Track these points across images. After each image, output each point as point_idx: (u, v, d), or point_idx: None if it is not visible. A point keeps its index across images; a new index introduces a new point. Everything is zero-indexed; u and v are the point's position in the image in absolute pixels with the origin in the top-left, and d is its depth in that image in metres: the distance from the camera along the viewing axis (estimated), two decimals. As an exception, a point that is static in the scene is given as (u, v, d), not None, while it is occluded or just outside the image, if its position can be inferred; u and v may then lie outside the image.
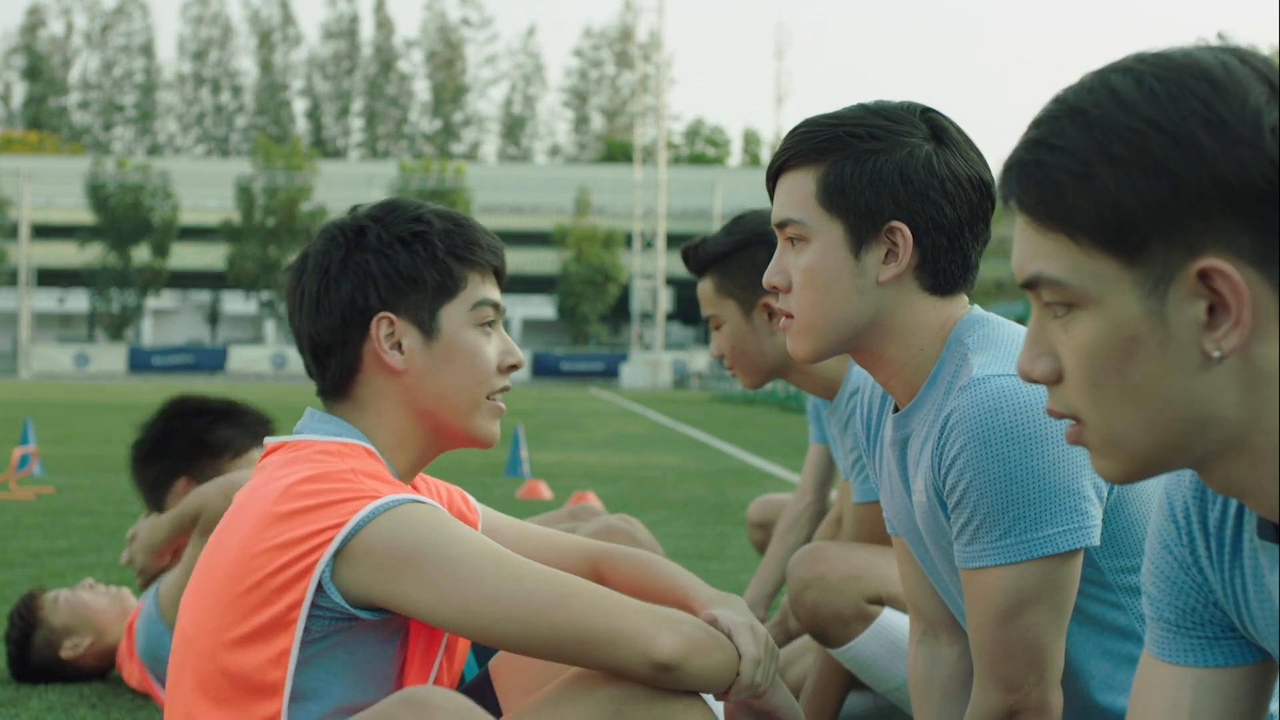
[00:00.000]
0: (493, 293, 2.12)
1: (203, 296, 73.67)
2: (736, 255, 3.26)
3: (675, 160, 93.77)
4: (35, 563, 6.33)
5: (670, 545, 7.16)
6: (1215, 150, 1.15)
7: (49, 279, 65.69)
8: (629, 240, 63.63)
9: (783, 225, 2.06)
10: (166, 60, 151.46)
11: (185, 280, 68.38)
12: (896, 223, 2.00)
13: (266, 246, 61.77)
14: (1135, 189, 1.17)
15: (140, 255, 62.17)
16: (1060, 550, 1.92)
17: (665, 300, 57.78)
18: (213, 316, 71.01)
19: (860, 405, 2.31)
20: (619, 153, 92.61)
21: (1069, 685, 2.05)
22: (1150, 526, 1.48)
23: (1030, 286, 1.25)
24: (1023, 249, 1.26)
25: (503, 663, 2.20)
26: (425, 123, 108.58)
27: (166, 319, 76.33)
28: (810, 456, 4.04)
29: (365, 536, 1.86)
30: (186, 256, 65.05)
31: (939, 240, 2.02)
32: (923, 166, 2.00)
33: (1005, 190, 1.26)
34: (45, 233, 64.03)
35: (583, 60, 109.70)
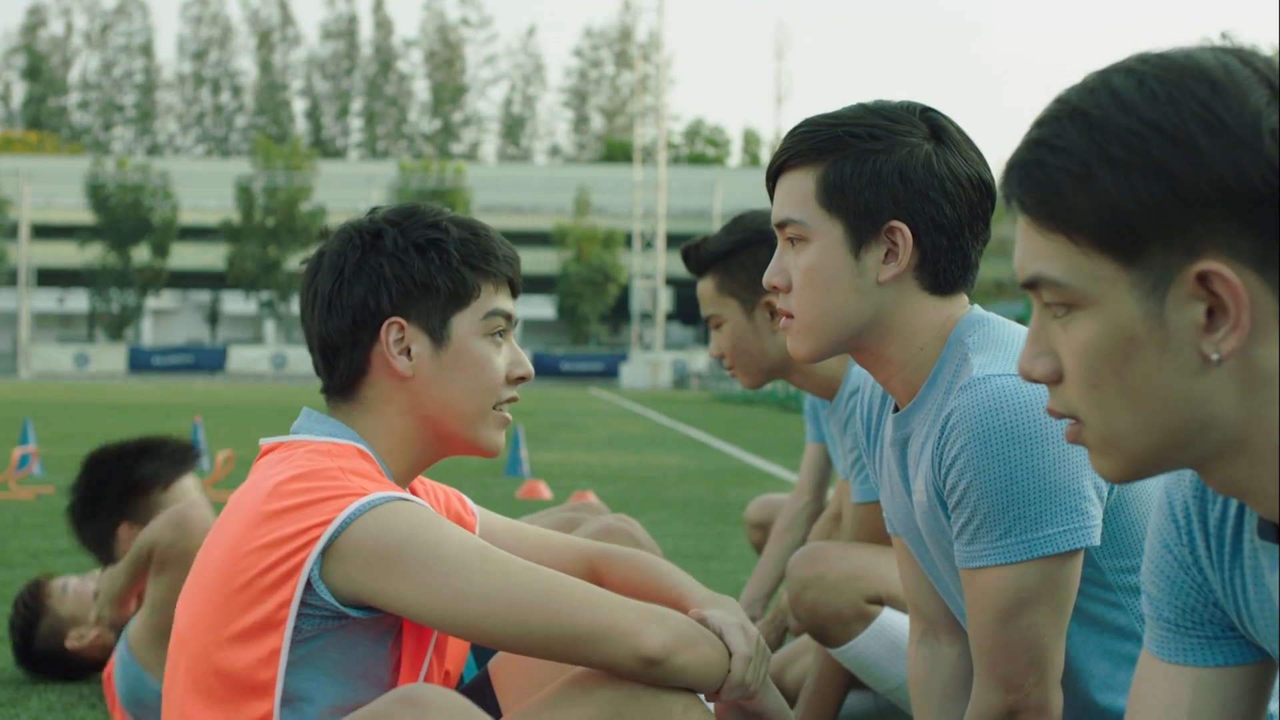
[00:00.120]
0: (505, 303, 2.11)
1: (202, 296, 73.72)
2: (738, 254, 3.26)
3: (675, 160, 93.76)
4: (35, 563, 6.34)
5: (670, 545, 7.16)
6: (1214, 153, 1.15)
7: (49, 279, 65.73)
8: (629, 240, 63.64)
9: (782, 225, 2.06)
10: (166, 60, 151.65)
11: (185, 280, 68.41)
12: (896, 222, 2.00)
13: (266, 246, 61.78)
14: (1134, 191, 1.17)
15: (140, 255, 62.19)
16: (1060, 550, 1.92)
17: (665, 300, 57.79)
18: (212, 316, 71.04)
19: (860, 405, 2.31)
20: (619, 153, 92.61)
21: (1069, 685, 2.05)
22: (1150, 526, 1.48)
23: (1031, 286, 1.26)
24: (1023, 249, 1.26)
25: (502, 663, 2.20)
26: (425, 123, 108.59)
27: (166, 319, 76.36)
28: (807, 456, 4.04)
29: (352, 534, 1.86)
30: (186, 256, 65.06)
31: (939, 240, 2.02)
32: (922, 166, 2.00)
33: (1007, 190, 1.26)
34: (45, 233, 64.03)
35: (582, 60, 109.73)
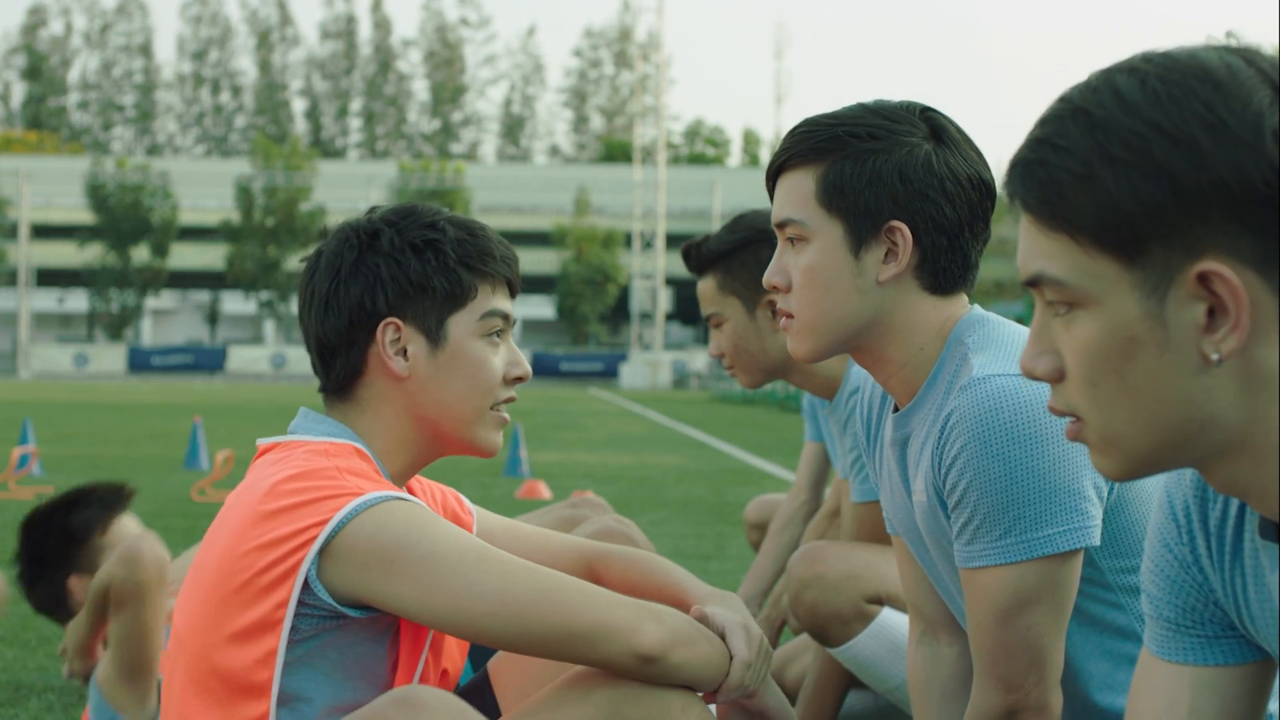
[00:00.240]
0: (503, 303, 2.10)
1: (202, 296, 73.73)
2: (740, 253, 3.26)
3: (675, 160, 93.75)
4: (35, 563, 6.32)
5: (670, 545, 7.16)
6: (1215, 153, 1.15)
7: (48, 279, 65.74)
8: (628, 240, 63.65)
9: (782, 225, 2.06)
10: (166, 60, 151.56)
11: (185, 280, 68.42)
12: (896, 222, 2.00)
13: (266, 246, 61.80)
14: (1135, 191, 1.17)
15: (140, 255, 62.21)
16: (1060, 550, 1.92)
17: (665, 300, 57.80)
18: (212, 316, 71.05)
19: (860, 405, 2.30)
20: (618, 153, 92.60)
21: (1068, 685, 2.05)
22: (1150, 525, 1.48)
23: (1033, 284, 1.26)
24: (1026, 247, 1.26)
25: (501, 663, 2.20)
26: (424, 123, 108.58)
27: (166, 319, 76.36)
28: (805, 455, 4.04)
29: (349, 533, 1.86)
30: (186, 256, 65.07)
31: (939, 240, 2.02)
32: (922, 166, 2.00)
33: (1010, 188, 1.26)
34: (45, 233, 64.03)
35: (582, 60, 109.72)
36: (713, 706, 2.01)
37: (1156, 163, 1.16)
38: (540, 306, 69.86)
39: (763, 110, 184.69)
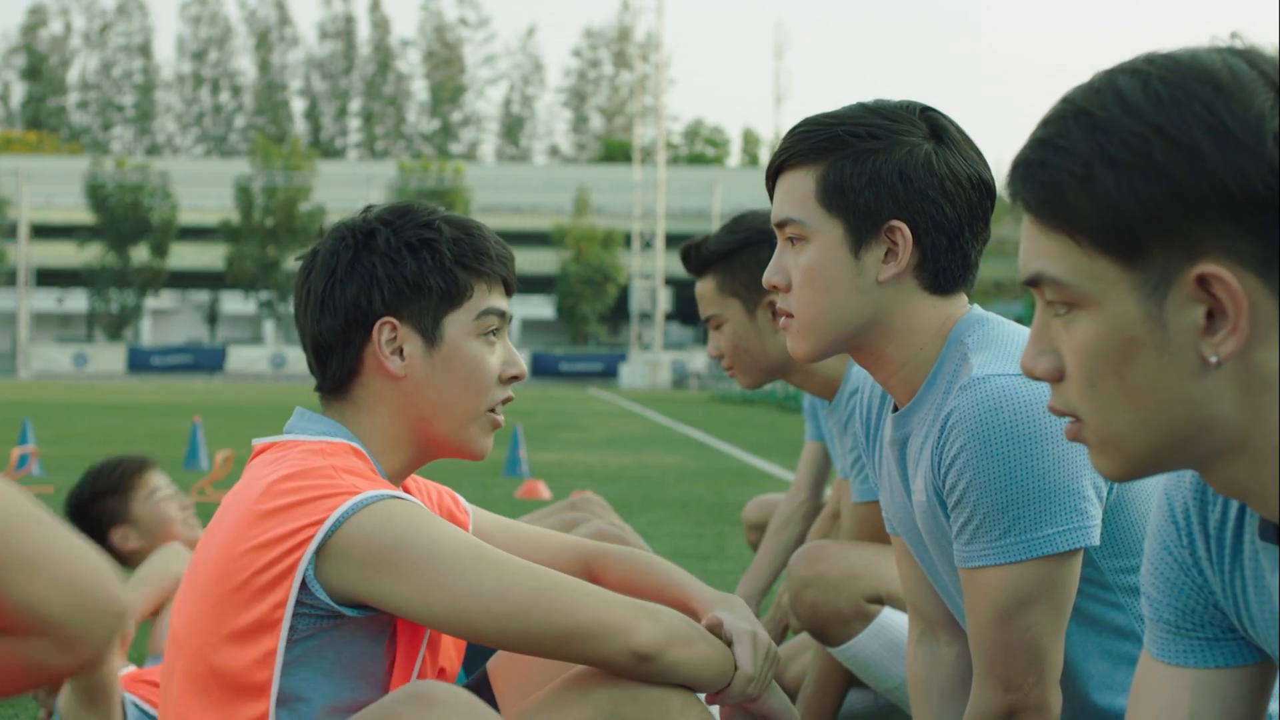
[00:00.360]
0: (499, 302, 2.10)
1: (202, 296, 73.72)
2: (740, 254, 3.25)
3: (674, 160, 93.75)
4: (34, 563, 6.33)
5: (669, 545, 7.16)
6: (1215, 156, 1.15)
7: (48, 279, 65.72)
8: (628, 240, 63.64)
9: (782, 225, 2.06)
10: (165, 60, 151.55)
11: (184, 280, 68.40)
12: (896, 222, 2.00)
13: (265, 246, 61.77)
14: (1135, 193, 1.17)
15: (139, 255, 62.18)
16: (1060, 550, 1.92)
17: (664, 300, 57.80)
18: (212, 316, 71.05)
19: (860, 405, 2.30)
20: (618, 153, 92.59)
21: (1067, 685, 2.04)
22: (1150, 528, 1.48)
23: (1033, 284, 1.26)
24: (1027, 247, 1.26)
25: (501, 664, 2.20)
26: (423, 123, 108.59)
27: (165, 319, 76.35)
28: (805, 454, 4.03)
29: (346, 532, 1.86)
30: (185, 256, 65.06)
31: (939, 239, 2.02)
32: (922, 166, 2.00)
33: (1011, 188, 1.26)
34: (44, 233, 64.01)
35: (581, 60, 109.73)
36: (715, 707, 2.01)
37: (1157, 164, 1.16)
38: (540, 306, 69.87)
39: (762, 110, 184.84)
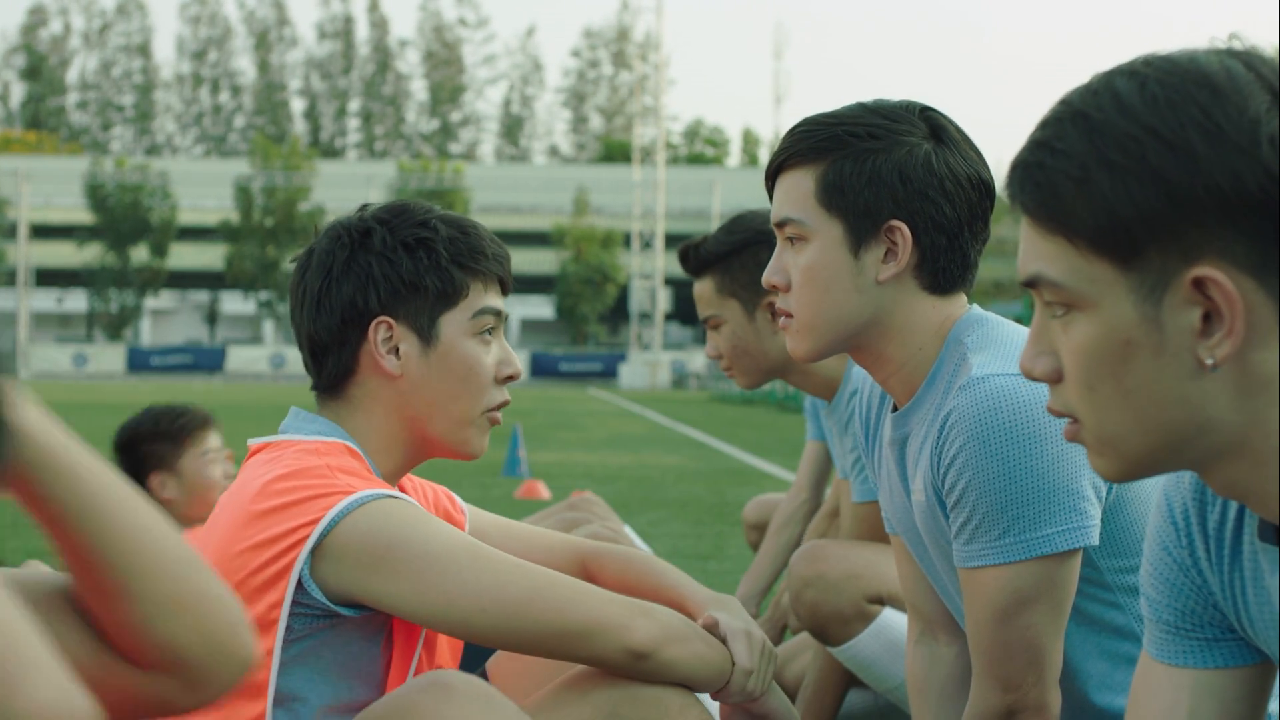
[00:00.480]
0: (495, 301, 2.10)
1: (201, 296, 73.71)
2: (739, 254, 3.25)
3: (674, 160, 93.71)
4: (33, 563, 6.34)
5: (668, 545, 7.16)
6: (1211, 159, 1.14)
7: (47, 279, 65.72)
8: (627, 240, 63.64)
9: (782, 224, 2.05)
10: (165, 60, 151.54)
11: (184, 280, 68.39)
12: (896, 222, 2.00)
13: (265, 246, 61.77)
14: (1131, 196, 1.17)
15: (139, 255, 62.18)
16: (1059, 550, 1.92)
17: (664, 300, 57.80)
18: (211, 316, 71.05)
19: (859, 404, 2.30)
20: (617, 153, 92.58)
21: (1066, 685, 2.04)
22: (1149, 528, 1.48)
23: (1031, 285, 1.26)
24: (1025, 248, 1.26)
25: (499, 664, 2.19)
26: (423, 123, 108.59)
27: (165, 319, 76.33)
28: (807, 454, 4.03)
29: (341, 532, 1.86)
30: (185, 256, 65.06)
31: (938, 239, 2.02)
32: (922, 165, 2.00)
33: (1009, 190, 1.26)
34: (44, 233, 64.00)
35: (580, 60, 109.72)
36: (715, 708, 2.01)
37: (1152, 167, 1.16)
38: (539, 306, 69.87)
39: (762, 110, 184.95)
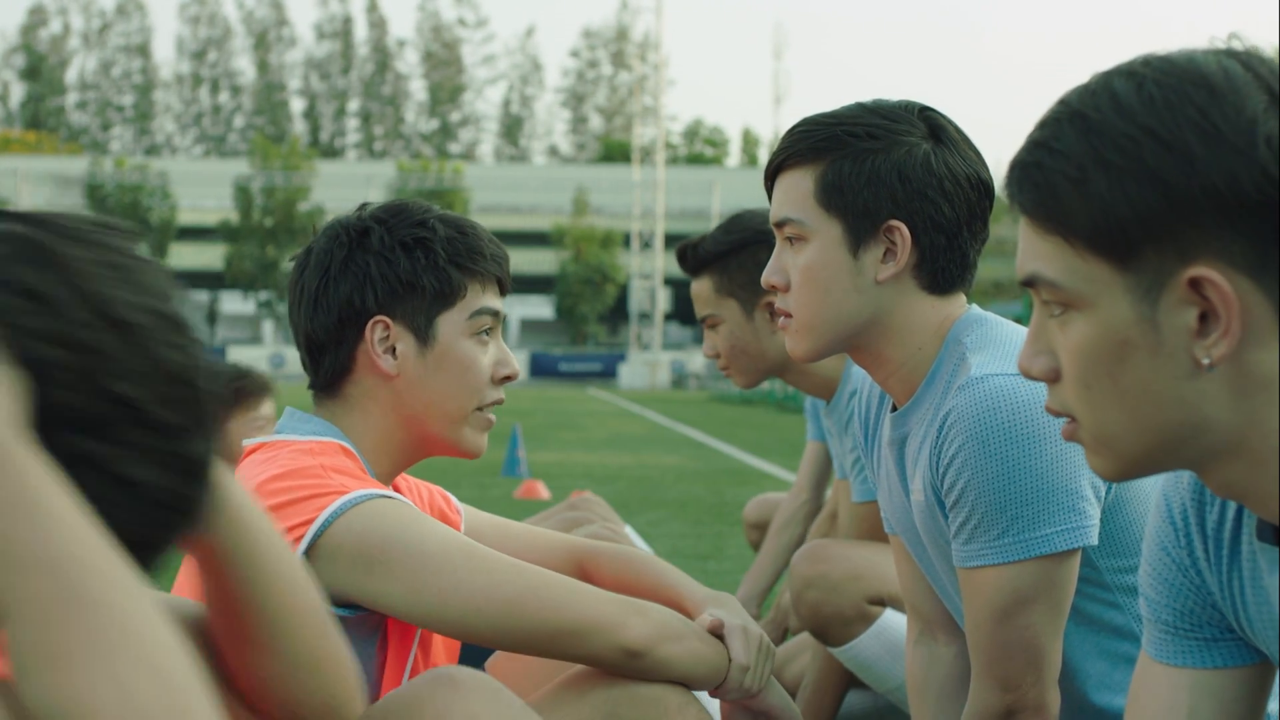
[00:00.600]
0: (493, 301, 2.10)
1: (200, 296, 73.70)
2: (738, 254, 3.24)
3: (673, 160, 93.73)
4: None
5: (668, 545, 7.16)
6: (1207, 159, 1.14)
7: (47, 279, 65.68)
8: (627, 240, 63.66)
9: (781, 224, 2.05)
10: (164, 60, 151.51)
11: (183, 280, 68.02)
12: (895, 222, 2.00)
13: (265, 246, 61.81)
14: (1128, 196, 1.17)
15: (138, 255, 62.22)
16: (1058, 550, 1.92)
17: (663, 300, 57.82)
18: (211, 316, 71.06)
19: (858, 404, 2.30)
20: (617, 153, 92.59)
21: (1066, 684, 2.04)
22: (1148, 529, 1.48)
23: (1029, 284, 1.27)
24: (1023, 248, 1.26)
25: (498, 665, 2.19)
26: (422, 123, 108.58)
27: (164, 319, 76.24)
28: (807, 454, 4.03)
29: (335, 532, 1.86)
30: (184, 256, 65.05)
31: (937, 239, 2.02)
32: (921, 165, 2.00)
33: (1008, 190, 1.27)
34: (43, 233, 63.96)
35: (580, 61, 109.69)
36: (717, 704, 2.01)
37: (1149, 168, 1.16)
38: (539, 306, 69.89)
39: (761, 110, 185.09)
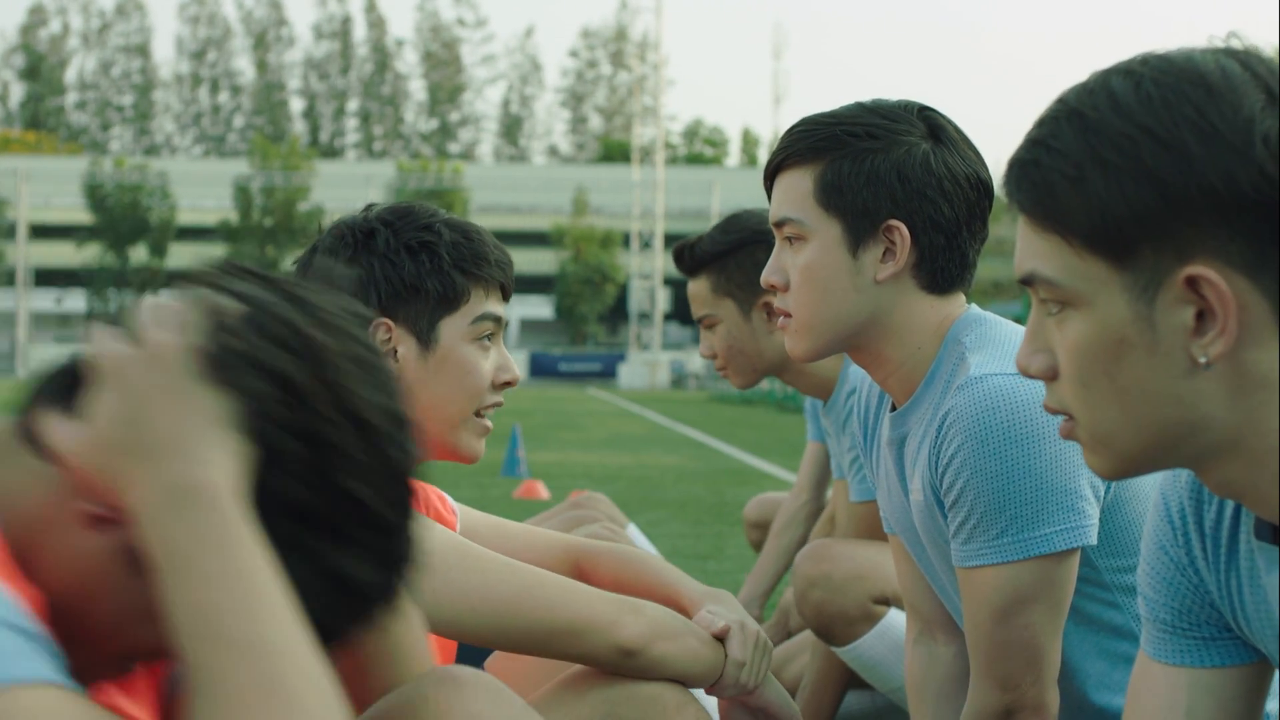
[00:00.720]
0: (496, 307, 2.10)
1: (200, 297, 73.65)
2: (735, 254, 3.24)
3: (673, 160, 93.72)
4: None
5: (668, 545, 7.16)
6: (1204, 159, 1.15)
7: (47, 279, 65.71)
8: (627, 240, 63.66)
9: (780, 224, 2.05)
10: (164, 60, 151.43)
11: (182, 280, 68.32)
12: (894, 221, 2.00)
13: (264, 246, 61.76)
14: (1125, 194, 1.17)
15: (138, 255, 62.20)
16: (1057, 549, 1.92)
17: (663, 300, 57.81)
18: (210, 316, 71.03)
19: (857, 404, 2.30)
20: (617, 153, 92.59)
21: (1065, 684, 2.04)
22: (1146, 528, 1.48)
23: (1027, 283, 1.27)
24: (1021, 246, 1.27)
25: (496, 665, 2.19)
26: (421, 123, 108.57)
27: (164, 319, 76.26)
28: (808, 454, 4.03)
29: None
30: (184, 256, 64.95)
31: (936, 239, 2.02)
32: (920, 165, 2.00)
33: (1006, 188, 1.27)
34: (43, 233, 64.02)
35: (579, 60, 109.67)
36: (714, 702, 2.01)
37: (1146, 166, 1.16)
38: (539, 306, 69.86)
39: (761, 110, 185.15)
